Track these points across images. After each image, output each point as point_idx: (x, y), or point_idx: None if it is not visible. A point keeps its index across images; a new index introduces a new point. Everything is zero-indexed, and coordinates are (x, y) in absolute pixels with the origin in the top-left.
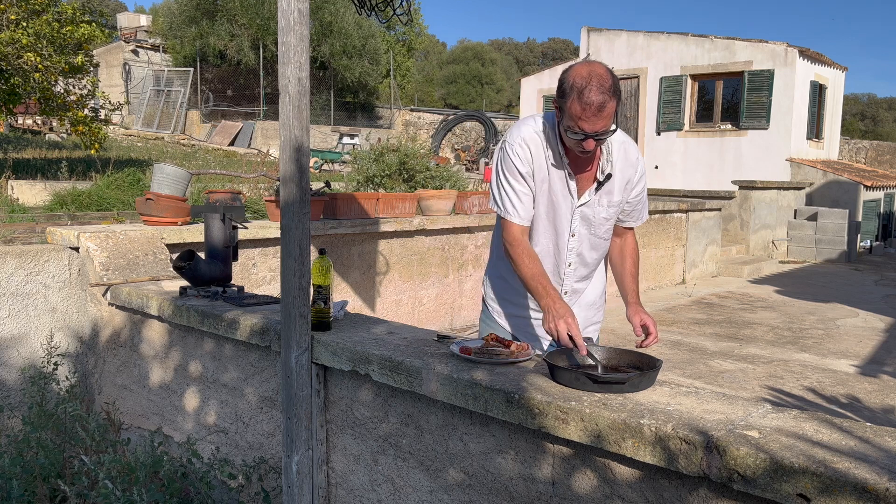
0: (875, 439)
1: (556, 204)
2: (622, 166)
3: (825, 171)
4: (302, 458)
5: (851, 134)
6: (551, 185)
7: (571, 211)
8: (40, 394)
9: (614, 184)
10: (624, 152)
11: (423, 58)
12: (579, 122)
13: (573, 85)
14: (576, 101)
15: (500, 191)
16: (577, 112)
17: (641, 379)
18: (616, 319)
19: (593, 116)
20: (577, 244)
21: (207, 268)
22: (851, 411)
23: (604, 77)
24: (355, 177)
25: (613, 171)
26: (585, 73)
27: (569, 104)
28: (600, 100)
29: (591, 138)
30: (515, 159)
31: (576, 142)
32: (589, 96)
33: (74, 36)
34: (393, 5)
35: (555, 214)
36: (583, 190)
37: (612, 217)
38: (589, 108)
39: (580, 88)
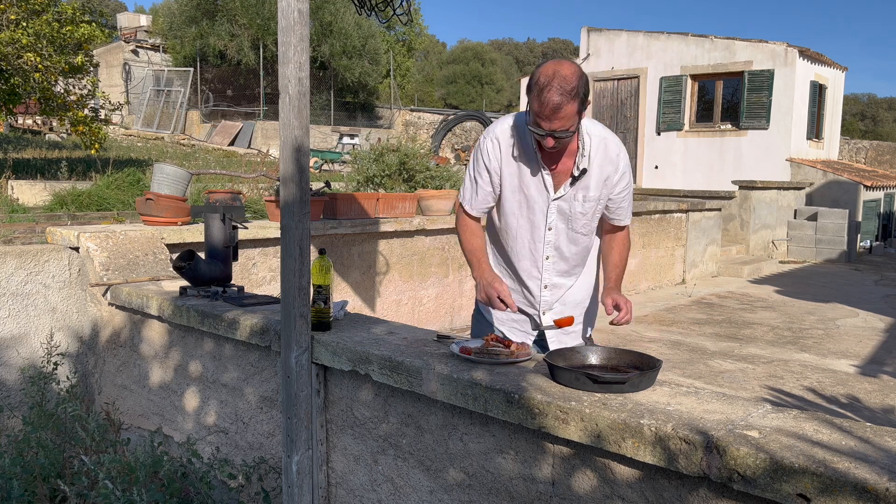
0: (875, 439)
1: (531, 198)
2: (600, 162)
3: (825, 171)
4: (302, 458)
5: (851, 134)
6: (523, 179)
7: (547, 204)
8: (40, 394)
9: (591, 179)
10: (604, 148)
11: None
12: (538, 119)
13: (536, 82)
14: (535, 99)
15: (467, 179)
16: (536, 109)
17: (641, 379)
18: None
19: (550, 115)
20: (555, 237)
21: (207, 268)
22: (851, 411)
23: (567, 78)
24: (355, 177)
25: (590, 166)
26: (550, 72)
27: (531, 100)
28: (557, 101)
29: (550, 136)
30: (484, 154)
31: (538, 136)
32: (547, 95)
33: (74, 36)
34: (393, 5)
35: (529, 208)
36: (559, 184)
37: (590, 212)
38: (546, 107)
39: (541, 87)
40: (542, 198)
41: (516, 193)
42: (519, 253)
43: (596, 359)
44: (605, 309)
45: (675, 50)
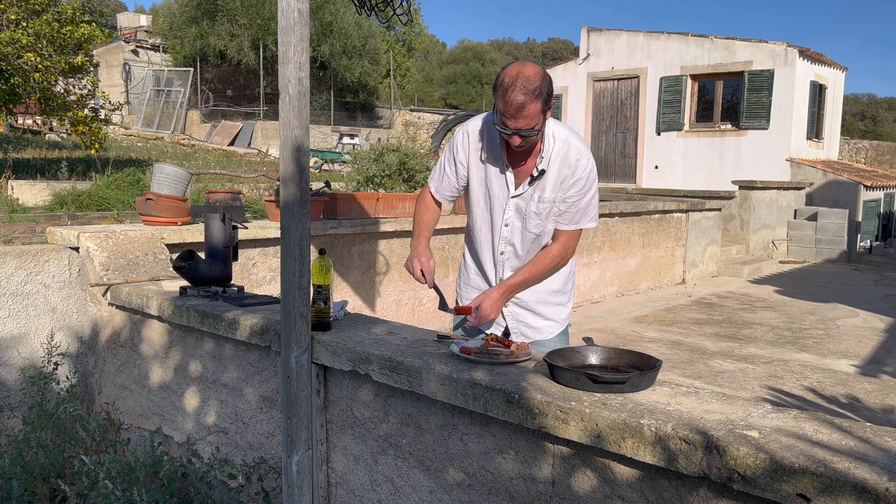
0: (875, 439)
1: (493, 193)
2: (559, 165)
3: (825, 171)
4: (302, 458)
5: (851, 134)
6: (488, 175)
7: (506, 201)
8: (40, 394)
9: (548, 180)
10: (566, 151)
11: (423, 58)
12: (504, 119)
13: (501, 82)
14: (501, 98)
15: (438, 165)
16: (501, 108)
17: (641, 379)
18: (616, 319)
19: (515, 114)
20: (510, 234)
21: (207, 268)
22: (851, 411)
23: (530, 78)
24: (355, 177)
25: (549, 167)
26: (514, 72)
27: (496, 100)
28: (521, 100)
29: (516, 135)
30: (457, 144)
31: (505, 136)
32: (511, 95)
33: (74, 36)
34: (393, 5)
35: (491, 203)
36: (520, 183)
37: (544, 213)
38: (510, 106)
39: (506, 87)
40: (502, 194)
41: (482, 186)
42: (481, 245)
43: (596, 359)
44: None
45: (675, 50)
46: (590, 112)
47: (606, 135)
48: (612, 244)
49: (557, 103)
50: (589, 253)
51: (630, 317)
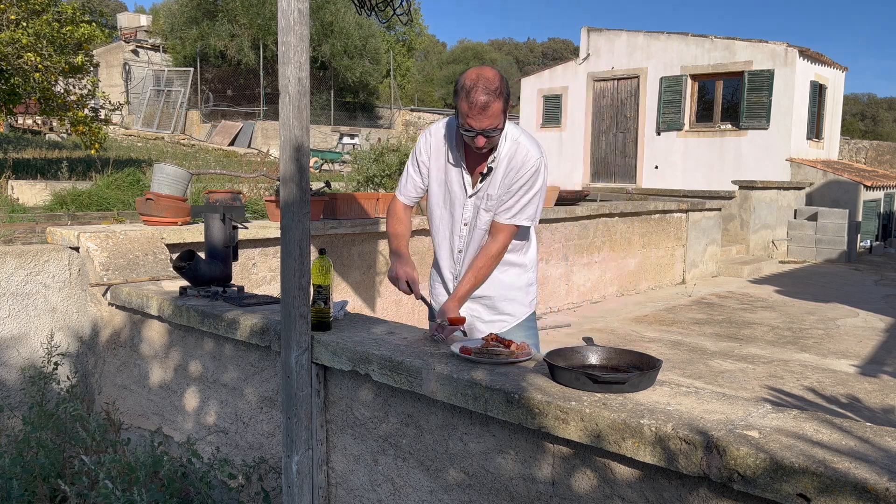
0: (875, 439)
1: (453, 193)
2: (506, 164)
3: (825, 171)
4: (302, 458)
5: (851, 134)
6: (448, 177)
7: (464, 201)
8: (40, 394)
9: (496, 177)
10: (514, 150)
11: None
12: (468, 120)
13: (463, 86)
14: (464, 101)
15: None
16: (465, 110)
17: (641, 379)
18: (616, 319)
19: (479, 114)
20: (468, 233)
21: (207, 268)
22: (851, 411)
23: (490, 80)
24: (355, 177)
25: (497, 166)
26: (474, 75)
27: (459, 103)
28: (484, 100)
29: (481, 135)
30: (420, 146)
31: (469, 138)
32: (475, 96)
33: (74, 36)
34: (393, 5)
35: (451, 203)
36: (475, 182)
37: (492, 210)
38: (474, 106)
39: (468, 89)
40: (461, 194)
41: (441, 188)
42: (440, 244)
43: (596, 359)
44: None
45: (675, 50)
46: (590, 112)
47: (606, 135)
48: (612, 244)
49: (557, 103)
50: (589, 253)
51: (630, 317)
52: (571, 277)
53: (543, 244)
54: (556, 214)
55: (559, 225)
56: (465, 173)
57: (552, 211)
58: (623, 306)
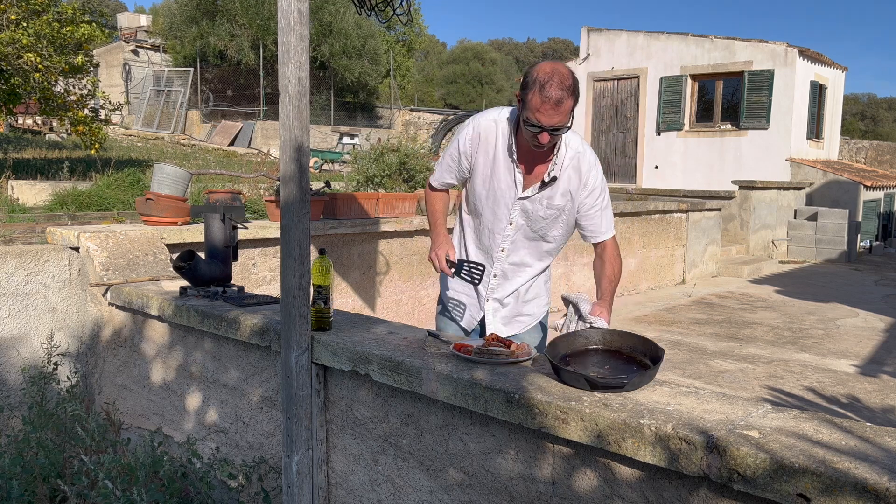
0: (875, 439)
1: (499, 191)
2: (569, 174)
3: (825, 171)
4: (302, 458)
5: (851, 134)
6: (495, 172)
7: (513, 201)
8: (40, 394)
9: (557, 188)
10: (577, 162)
11: (423, 58)
12: (537, 115)
13: (536, 79)
14: (536, 94)
15: (440, 159)
16: (536, 104)
17: (642, 379)
18: (616, 319)
19: (551, 110)
20: (513, 233)
21: (207, 268)
22: (851, 411)
23: (565, 76)
24: (355, 177)
25: (560, 174)
26: (549, 69)
27: (530, 96)
28: (559, 95)
29: (547, 132)
30: (463, 136)
31: (532, 134)
32: (549, 91)
33: (74, 36)
34: (393, 5)
35: (495, 201)
36: (528, 185)
37: (550, 218)
38: (548, 101)
39: (542, 83)
40: (509, 194)
41: (486, 183)
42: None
43: (598, 341)
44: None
45: (675, 50)
46: (590, 112)
47: (606, 135)
48: None
49: None
50: (589, 253)
51: (630, 317)
52: (571, 277)
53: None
54: None
55: None
56: (517, 173)
57: None
58: (623, 306)
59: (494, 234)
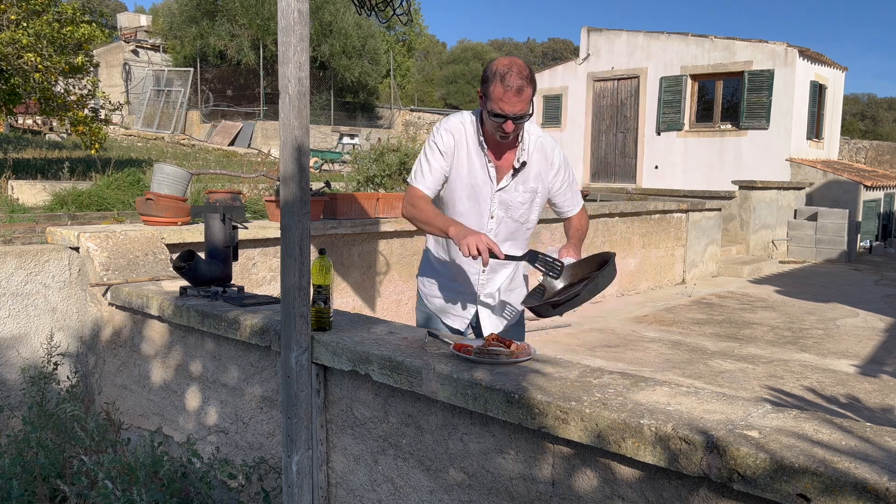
0: (875, 439)
1: (477, 187)
2: (537, 158)
3: (825, 171)
4: (302, 458)
5: (851, 134)
6: (471, 171)
7: (491, 195)
8: (40, 394)
9: (529, 172)
10: (541, 145)
11: (423, 58)
12: (500, 104)
13: (496, 71)
14: (498, 85)
15: (416, 166)
16: (499, 94)
17: (597, 283)
18: (616, 319)
19: (514, 97)
20: (496, 225)
21: (207, 268)
22: (851, 411)
23: (522, 67)
24: (355, 177)
25: (529, 159)
26: (507, 62)
27: (492, 88)
28: (519, 83)
29: (511, 120)
30: (438, 139)
31: (497, 125)
32: (510, 80)
33: (74, 36)
34: (393, 5)
35: (475, 197)
36: (502, 176)
37: (528, 202)
38: (510, 90)
39: (502, 74)
40: (487, 188)
41: (464, 182)
42: None
43: (563, 282)
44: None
45: (675, 50)
46: (590, 112)
47: (606, 135)
48: (612, 244)
49: (557, 103)
50: (589, 253)
51: (630, 317)
52: None
53: (543, 244)
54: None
55: (559, 225)
56: (490, 167)
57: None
58: (623, 306)
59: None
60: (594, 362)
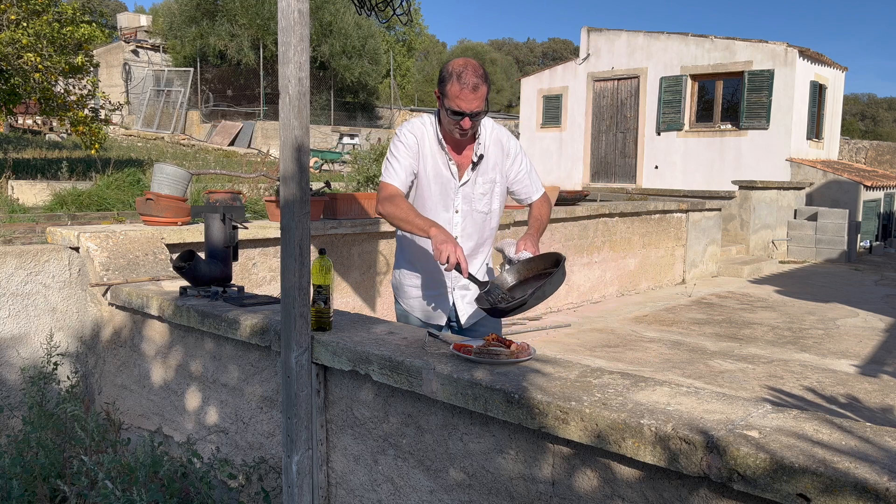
0: (875, 439)
1: (442, 185)
2: (493, 150)
3: (825, 171)
4: (302, 458)
5: (851, 134)
6: (435, 168)
7: (455, 191)
8: (40, 394)
9: (488, 163)
10: (496, 136)
11: (423, 58)
12: (457, 101)
13: (452, 71)
14: (455, 84)
15: (385, 165)
16: (455, 93)
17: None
18: (616, 319)
19: (470, 95)
20: (462, 219)
21: (207, 268)
22: (851, 411)
23: (477, 66)
24: (355, 177)
25: (486, 152)
26: (462, 62)
27: (449, 87)
28: (475, 81)
29: (468, 117)
30: (402, 139)
31: (455, 122)
32: (466, 78)
33: (74, 36)
34: (393, 5)
35: (441, 194)
36: (463, 172)
37: (489, 192)
38: (466, 87)
39: (458, 73)
40: (450, 185)
41: (430, 179)
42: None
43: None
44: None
45: (675, 50)
46: (590, 112)
47: (606, 135)
48: (612, 244)
49: (557, 103)
50: (589, 253)
51: (630, 317)
52: (571, 277)
53: (543, 244)
54: (555, 214)
55: (559, 225)
56: (451, 164)
57: (552, 211)
58: (623, 306)
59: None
60: (594, 362)
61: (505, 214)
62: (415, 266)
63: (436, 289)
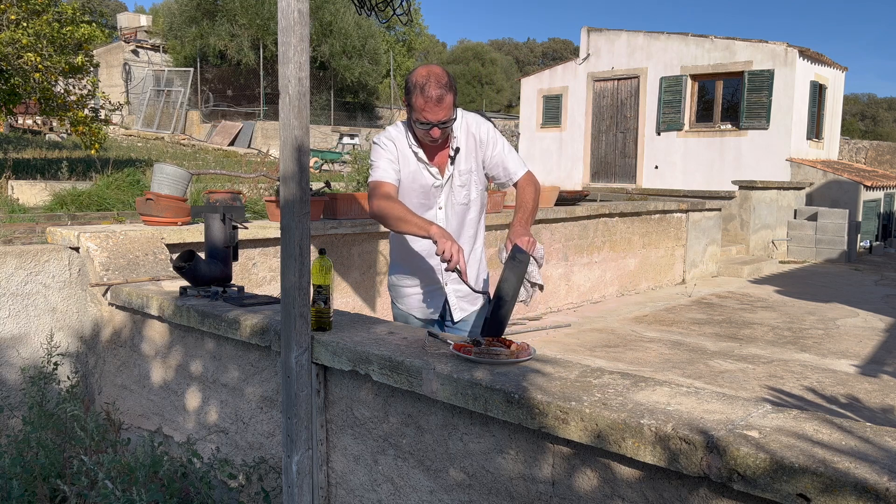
0: (875, 439)
1: (424, 187)
2: (465, 137)
3: (825, 171)
4: (302, 458)
5: (851, 134)
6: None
7: (437, 190)
8: (40, 394)
9: (462, 153)
10: (466, 126)
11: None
12: (424, 114)
13: (416, 83)
14: (419, 97)
15: (373, 167)
16: (421, 105)
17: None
18: (616, 319)
19: (435, 107)
20: (444, 215)
21: (207, 268)
22: (851, 411)
23: (440, 76)
24: (355, 177)
25: (460, 144)
26: (425, 72)
27: (414, 100)
28: (438, 93)
29: (436, 126)
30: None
31: (424, 132)
32: (429, 91)
33: (74, 36)
34: (393, 5)
35: (425, 195)
36: (443, 171)
37: (467, 183)
38: (430, 100)
39: (421, 85)
40: (432, 185)
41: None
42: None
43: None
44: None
45: (675, 50)
46: (590, 112)
47: (606, 135)
48: (612, 244)
49: (557, 103)
50: (589, 253)
51: (630, 317)
52: (571, 277)
53: (543, 244)
54: (555, 214)
55: (559, 225)
56: (430, 168)
57: (552, 211)
58: (623, 306)
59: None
60: (594, 362)
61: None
62: (409, 265)
63: (430, 285)
